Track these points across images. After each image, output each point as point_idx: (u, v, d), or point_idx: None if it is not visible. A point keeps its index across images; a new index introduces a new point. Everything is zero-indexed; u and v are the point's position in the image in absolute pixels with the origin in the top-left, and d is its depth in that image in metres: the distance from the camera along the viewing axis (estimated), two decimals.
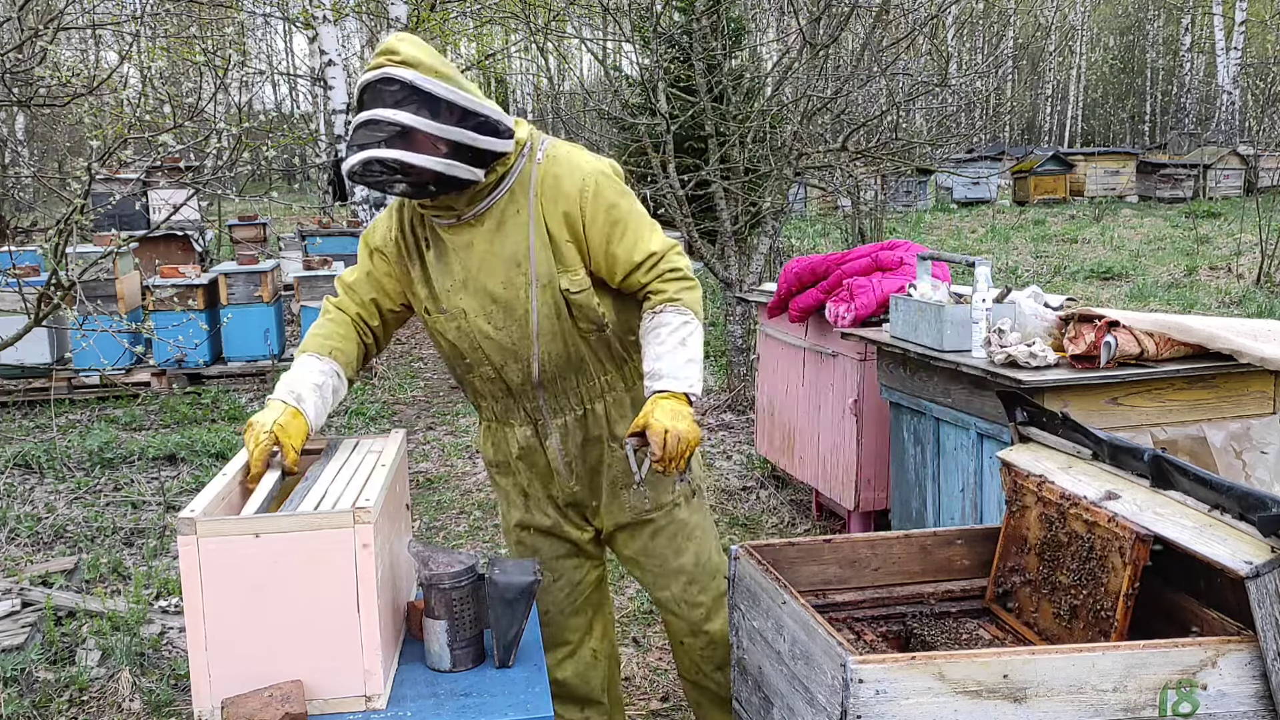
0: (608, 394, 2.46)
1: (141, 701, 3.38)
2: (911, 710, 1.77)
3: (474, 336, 2.36)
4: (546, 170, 2.31)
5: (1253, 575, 1.78)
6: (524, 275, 2.30)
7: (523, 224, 2.29)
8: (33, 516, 5.14)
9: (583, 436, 2.47)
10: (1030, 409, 2.60)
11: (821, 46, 6.58)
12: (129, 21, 8.51)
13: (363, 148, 2.12)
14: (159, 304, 7.71)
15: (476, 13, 16.64)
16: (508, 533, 2.68)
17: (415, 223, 2.39)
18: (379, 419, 7.12)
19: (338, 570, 1.87)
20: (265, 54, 31.96)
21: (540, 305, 2.31)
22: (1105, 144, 34.70)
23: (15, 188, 17.28)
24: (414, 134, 2.11)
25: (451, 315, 2.36)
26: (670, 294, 2.32)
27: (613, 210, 2.31)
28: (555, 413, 2.44)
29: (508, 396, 2.44)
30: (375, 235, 2.43)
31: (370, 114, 2.12)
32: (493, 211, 2.30)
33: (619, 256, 2.31)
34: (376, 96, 2.13)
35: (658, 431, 2.19)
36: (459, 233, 2.32)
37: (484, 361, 2.39)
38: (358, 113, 2.16)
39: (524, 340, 2.34)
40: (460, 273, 2.33)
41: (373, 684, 1.92)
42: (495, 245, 2.30)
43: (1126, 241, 14.82)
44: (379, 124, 2.11)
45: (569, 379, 2.41)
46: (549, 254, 2.30)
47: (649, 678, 3.57)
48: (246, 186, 22.14)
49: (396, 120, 2.10)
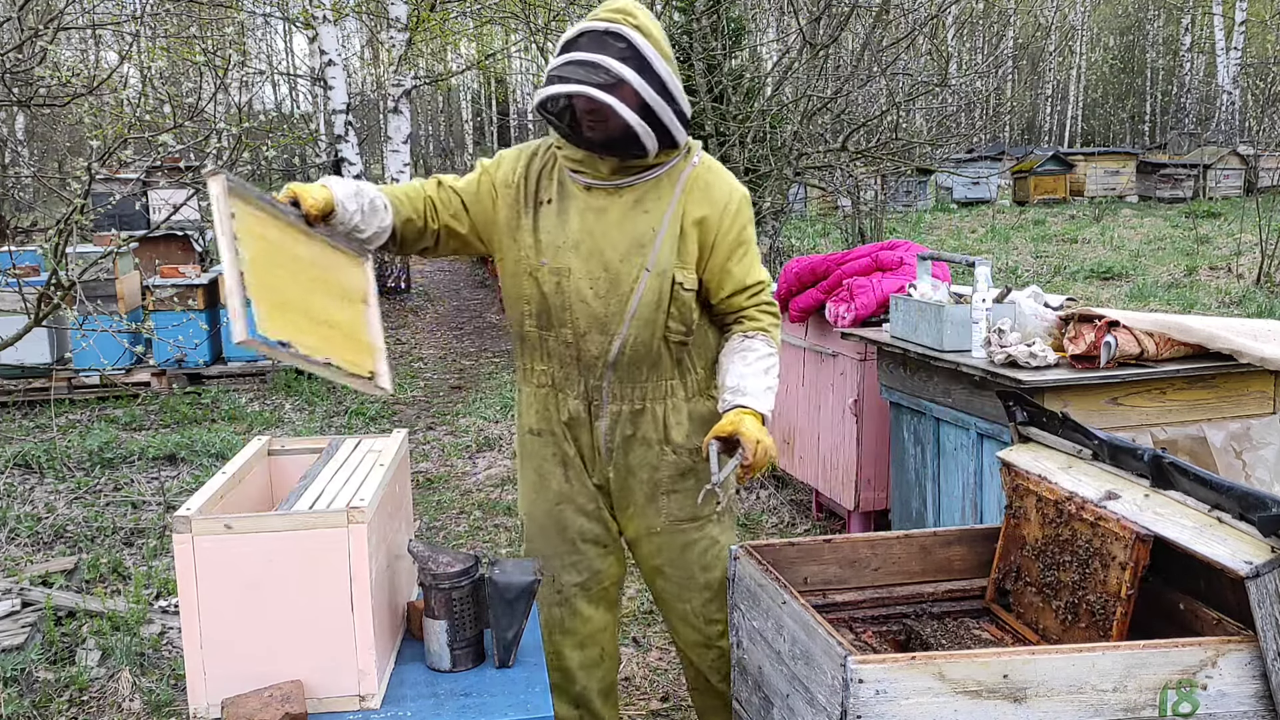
0: (669, 398, 2.49)
1: (141, 701, 3.37)
2: (911, 710, 1.77)
3: (570, 297, 2.39)
4: (700, 173, 2.42)
5: (1253, 575, 1.78)
6: (643, 257, 2.37)
7: (660, 211, 2.38)
8: (33, 516, 5.14)
9: (632, 431, 2.48)
10: (1030, 409, 2.59)
11: (821, 46, 6.58)
12: (129, 21, 8.51)
13: (574, 81, 2.19)
14: (159, 304, 7.71)
15: (476, 13, 16.64)
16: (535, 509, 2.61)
17: (544, 174, 2.44)
18: (379, 419, 7.12)
19: (332, 570, 1.87)
20: (265, 54, 31.96)
21: (646, 290, 2.37)
22: (1105, 144, 34.69)
23: (15, 188, 17.28)
24: (625, 89, 2.20)
25: (555, 270, 2.39)
26: (764, 325, 2.47)
27: (743, 232, 2.43)
28: (614, 399, 2.46)
29: (575, 365, 2.45)
30: (498, 170, 2.47)
31: (592, 56, 2.20)
32: (636, 189, 2.38)
33: (733, 274, 2.43)
34: (600, 44, 2.22)
35: (751, 439, 2.27)
36: (596, 195, 2.39)
37: (568, 324, 2.41)
38: (569, 53, 2.23)
39: (617, 317, 2.38)
40: (578, 233, 2.38)
41: (367, 683, 1.91)
42: (627, 220, 2.37)
43: (1126, 241, 14.82)
44: (597, 67, 2.19)
45: (640, 370, 2.44)
46: (674, 245, 2.39)
47: (649, 678, 3.57)
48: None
49: (618, 72, 2.19)
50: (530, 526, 2.64)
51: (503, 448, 6.35)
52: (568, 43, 2.26)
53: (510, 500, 5.39)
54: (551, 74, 2.24)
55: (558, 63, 2.24)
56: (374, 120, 25.59)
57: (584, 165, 2.37)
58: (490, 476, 5.82)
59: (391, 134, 12.94)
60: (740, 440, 2.28)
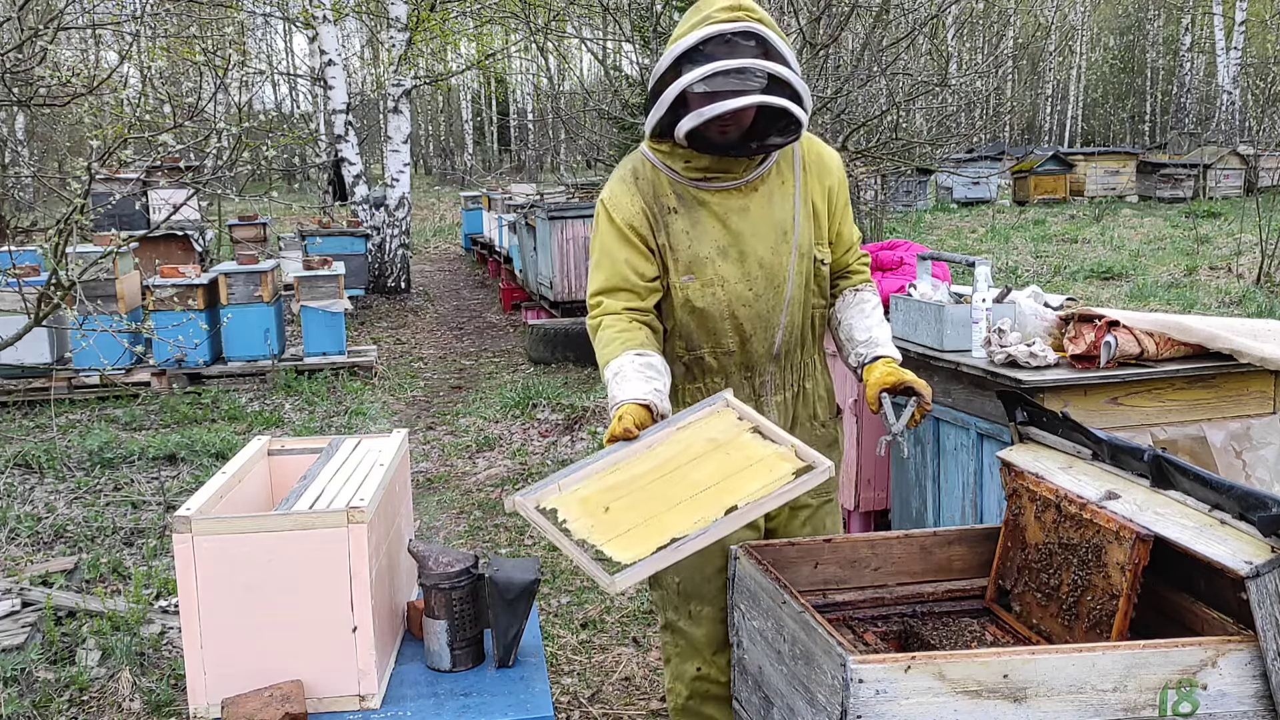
0: (814, 373, 2.54)
1: (141, 701, 3.38)
2: (911, 710, 1.77)
3: (730, 304, 2.38)
4: (809, 147, 2.44)
5: (1253, 575, 1.78)
6: (788, 243, 2.38)
7: (789, 194, 2.39)
8: (33, 516, 5.14)
9: (792, 414, 2.51)
10: (1030, 409, 2.59)
11: (821, 46, 6.58)
12: (129, 21, 8.51)
13: (736, 95, 2.14)
14: (159, 304, 7.71)
15: (476, 13, 16.64)
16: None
17: (656, 193, 2.38)
18: (379, 419, 7.12)
19: (331, 569, 1.87)
20: (265, 54, 31.96)
21: (796, 274, 2.40)
22: (1105, 144, 34.69)
23: (15, 188, 17.28)
24: (781, 84, 2.18)
25: (707, 282, 2.37)
26: (867, 276, 2.55)
27: (847, 194, 2.52)
28: (777, 389, 2.49)
29: (742, 370, 2.45)
30: (621, 210, 2.38)
31: (742, 62, 2.15)
32: (766, 180, 2.38)
33: (844, 235, 2.51)
34: (734, 48, 2.16)
35: (922, 383, 2.33)
36: (732, 197, 2.36)
37: (731, 333, 2.41)
38: (696, 61, 2.16)
39: (776, 309, 2.40)
40: (723, 238, 2.36)
41: (367, 683, 1.91)
42: (768, 213, 2.38)
43: (1126, 241, 14.82)
44: (751, 73, 2.15)
45: (794, 354, 2.48)
46: (811, 225, 2.42)
47: (649, 678, 3.57)
48: (246, 186, 22.14)
49: (778, 72, 2.17)
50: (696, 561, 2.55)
51: (503, 448, 6.35)
52: (690, 51, 2.18)
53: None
54: (697, 92, 2.16)
55: (696, 75, 2.15)
56: (374, 120, 25.60)
57: (712, 171, 2.33)
58: (490, 476, 5.82)
59: (391, 134, 12.94)
60: (913, 386, 2.32)
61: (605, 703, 3.42)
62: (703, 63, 2.15)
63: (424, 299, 12.82)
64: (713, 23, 2.18)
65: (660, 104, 2.23)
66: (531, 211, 10.29)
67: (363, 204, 12.73)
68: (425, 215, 23.82)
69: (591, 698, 3.45)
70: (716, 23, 2.18)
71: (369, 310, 11.77)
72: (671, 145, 2.33)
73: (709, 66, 2.14)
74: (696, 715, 2.60)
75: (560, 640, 3.83)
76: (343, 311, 8.39)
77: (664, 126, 2.28)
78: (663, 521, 1.99)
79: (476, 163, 36.89)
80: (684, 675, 2.59)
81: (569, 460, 5.99)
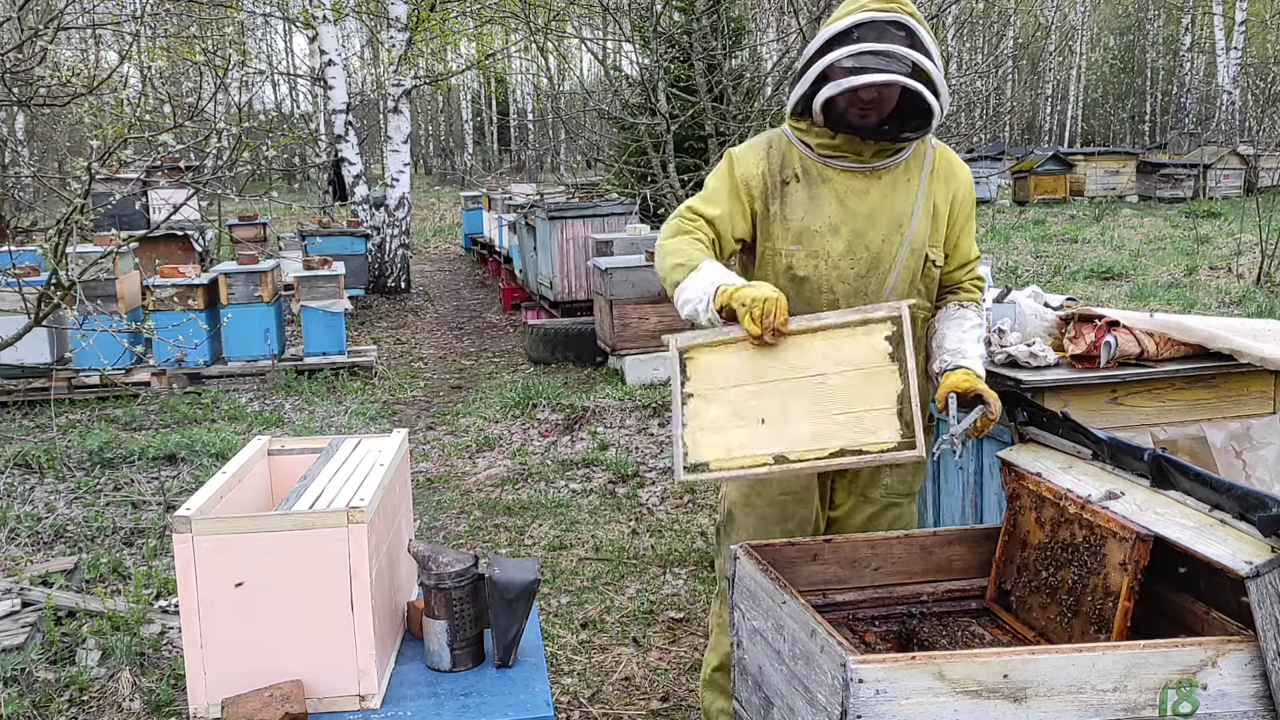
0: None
1: (141, 701, 3.37)
2: (911, 710, 1.77)
3: (830, 278, 2.47)
4: (940, 154, 2.56)
5: (1253, 575, 1.78)
6: (901, 235, 2.46)
7: (912, 192, 2.48)
8: (33, 516, 5.14)
9: None
10: (1030, 409, 2.59)
11: None
12: (129, 21, 8.51)
13: (879, 71, 2.26)
14: (159, 304, 7.71)
15: (476, 13, 16.63)
16: (757, 499, 2.67)
17: (784, 162, 2.50)
18: (379, 419, 7.12)
19: (332, 569, 1.87)
20: (265, 54, 31.96)
21: (903, 267, 2.48)
22: (1105, 144, 34.68)
23: (15, 188, 17.28)
24: (923, 75, 2.29)
25: (812, 254, 2.47)
26: (976, 296, 2.64)
27: (973, 210, 2.61)
28: None
29: None
30: (743, 167, 2.52)
31: (885, 46, 2.28)
32: (891, 172, 2.47)
33: (961, 249, 2.60)
34: (884, 34, 2.29)
35: (992, 394, 2.39)
36: (855, 178, 2.46)
37: (827, 307, 2.47)
38: (845, 42, 2.29)
39: (875, 294, 2.48)
40: (836, 215, 2.46)
41: (367, 683, 1.91)
42: (887, 202, 2.46)
43: (1126, 241, 14.82)
44: (897, 58, 2.27)
45: None
46: (928, 224, 2.50)
47: (649, 677, 3.57)
48: (246, 186, 22.14)
49: (921, 62, 2.28)
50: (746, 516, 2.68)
51: (503, 448, 6.35)
52: (841, 34, 2.31)
53: (510, 500, 5.39)
54: (841, 65, 2.29)
55: (843, 53, 2.28)
56: (374, 120, 25.61)
57: (842, 150, 2.44)
58: (490, 476, 5.82)
59: (391, 134, 12.94)
60: (981, 394, 2.38)
61: (605, 703, 3.42)
62: (851, 44, 2.29)
63: (424, 299, 12.82)
64: (865, 10, 2.32)
65: (805, 79, 2.37)
66: (531, 211, 10.29)
67: (363, 204, 12.73)
68: (425, 215, 23.82)
69: (591, 698, 3.45)
70: (869, 10, 2.32)
71: (369, 310, 11.77)
72: (809, 122, 2.45)
73: (857, 46, 2.28)
74: (720, 689, 2.73)
75: (560, 640, 3.83)
76: (343, 311, 8.39)
77: (805, 103, 2.40)
78: (773, 433, 2.18)
79: (476, 163, 36.89)
80: (719, 647, 2.72)
81: (568, 460, 5.99)
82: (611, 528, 4.95)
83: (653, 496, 5.39)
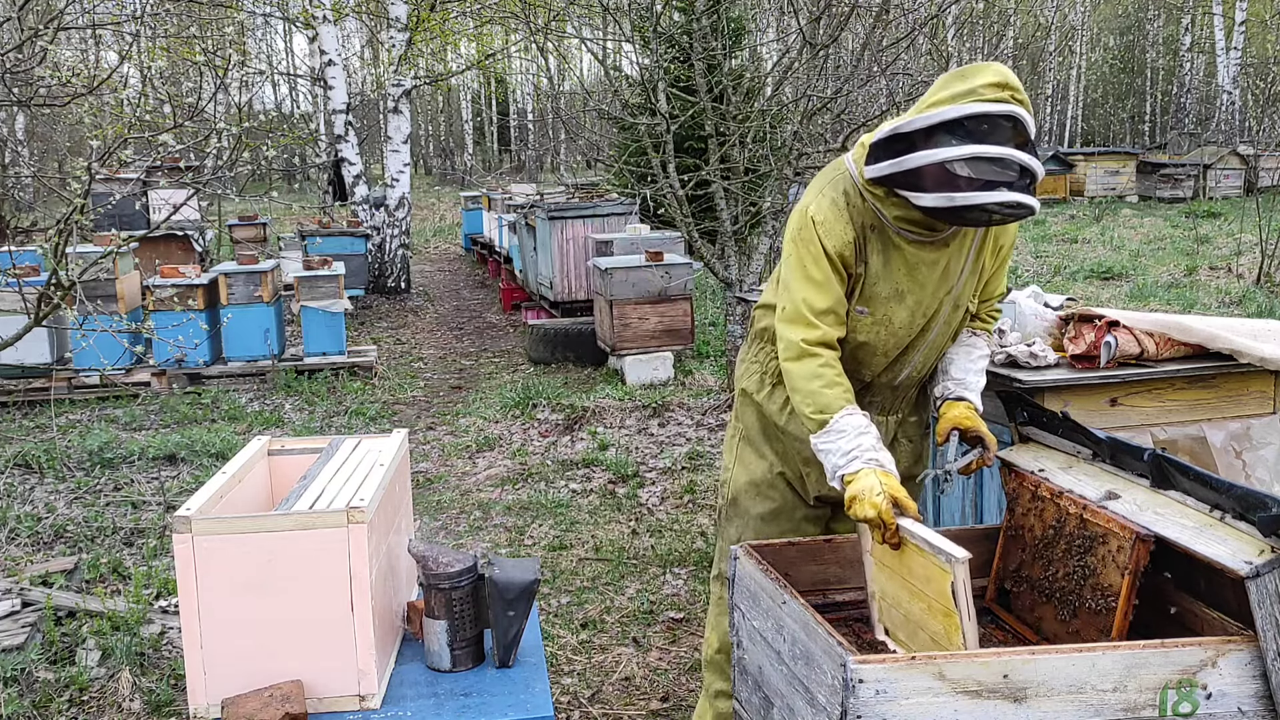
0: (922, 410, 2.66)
1: (141, 701, 3.37)
2: (911, 710, 1.77)
3: (887, 343, 2.46)
4: None
5: (1253, 575, 1.78)
6: (949, 293, 2.44)
7: (965, 250, 2.43)
8: (33, 516, 5.14)
9: (890, 438, 2.60)
10: (1030, 409, 2.60)
11: (821, 46, 6.58)
12: (129, 21, 8.51)
13: (993, 186, 2.11)
14: (159, 304, 7.71)
15: (476, 13, 16.64)
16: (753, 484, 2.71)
17: (866, 225, 2.38)
18: (379, 419, 7.12)
19: (332, 569, 1.87)
20: (265, 54, 31.96)
21: (944, 324, 2.48)
22: (1105, 144, 34.67)
23: (15, 188, 17.28)
24: (1032, 177, 2.15)
25: (878, 320, 2.44)
26: (989, 326, 2.64)
27: (1012, 250, 2.58)
28: (882, 410, 2.59)
29: (863, 391, 2.54)
30: (833, 240, 2.36)
31: (1003, 152, 2.10)
32: (957, 235, 2.40)
33: (991, 288, 2.58)
34: (998, 131, 2.12)
35: (994, 440, 2.43)
36: (925, 249, 2.39)
37: (874, 368, 2.50)
38: (955, 135, 2.12)
39: (914, 349, 2.50)
40: (905, 284, 2.40)
41: (367, 683, 1.91)
42: (950, 266, 2.43)
43: (1126, 241, 14.82)
44: (1008, 164, 2.11)
45: (915, 388, 2.60)
46: (974, 280, 2.48)
47: (649, 678, 3.57)
48: (246, 186, 22.14)
49: (1030, 166, 2.13)
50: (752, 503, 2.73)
51: (503, 448, 6.35)
52: (951, 123, 2.13)
53: (509, 500, 5.39)
54: (952, 172, 2.12)
55: (956, 154, 2.11)
56: (374, 120, 25.60)
57: (918, 226, 2.33)
58: (490, 476, 5.82)
59: (391, 134, 12.94)
60: (982, 437, 2.42)
61: (605, 703, 3.42)
62: (962, 139, 2.12)
63: (424, 299, 12.82)
64: (980, 99, 2.13)
65: (904, 162, 2.18)
66: (531, 212, 10.29)
67: (363, 204, 12.73)
68: (425, 215, 23.82)
69: (591, 698, 3.45)
70: (984, 100, 2.12)
71: (369, 310, 11.77)
72: (887, 191, 2.30)
73: (971, 149, 2.10)
74: (721, 670, 2.77)
75: (560, 640, 3.83)
76: (343, 311, 8.39)
77: (894, 180, 2.25)
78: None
79: (476, 163, 36.88)
80: (720, 627, 2.76)
81: (568, 460, 5.99)
82: (611, 528, 4.95)
83: (652, 497, 5.39)
